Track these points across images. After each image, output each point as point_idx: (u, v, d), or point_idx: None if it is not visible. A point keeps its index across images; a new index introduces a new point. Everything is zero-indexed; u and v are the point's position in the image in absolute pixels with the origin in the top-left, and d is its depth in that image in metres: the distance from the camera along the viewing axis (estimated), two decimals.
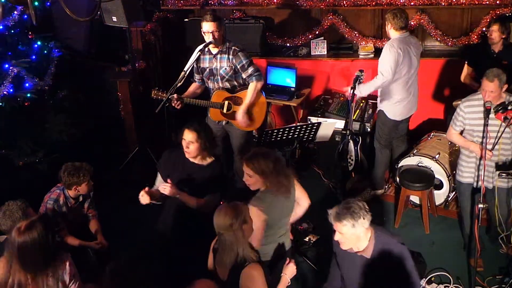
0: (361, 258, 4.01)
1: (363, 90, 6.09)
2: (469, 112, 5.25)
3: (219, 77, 5.92)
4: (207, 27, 5.71)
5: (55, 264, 3.92)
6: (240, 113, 5.87)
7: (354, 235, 3.88)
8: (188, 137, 4.65)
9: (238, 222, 3.80)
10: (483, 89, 5.09)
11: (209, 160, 4.79)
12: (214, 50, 5.86)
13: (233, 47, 5.84)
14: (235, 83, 5.97)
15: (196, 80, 6.09)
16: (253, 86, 5.86)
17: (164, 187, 4.55)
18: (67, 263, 4.00)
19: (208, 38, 5.74)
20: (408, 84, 6.14)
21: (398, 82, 6.07)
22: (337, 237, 3.95)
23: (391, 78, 5.96)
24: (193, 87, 6.12)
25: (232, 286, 3.85)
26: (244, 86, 5.94)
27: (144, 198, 4.58)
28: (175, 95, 5.71)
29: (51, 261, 3.90)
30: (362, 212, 3.84)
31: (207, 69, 5.93)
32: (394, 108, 6.23)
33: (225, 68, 5.86)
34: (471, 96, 5.35)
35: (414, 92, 6.27)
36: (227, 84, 5.95)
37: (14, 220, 4.27)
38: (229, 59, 5.83)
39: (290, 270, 4.07)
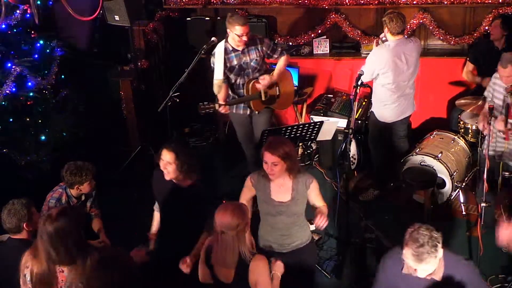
0: (429, 281, 3.81)
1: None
2: (495, 84, 5.46)
3: (250, 70, 6.05)
4: (241, 31, 5.79)
5: (84, 256, 3.67)
6: (270, 76, 6.04)
7: (438, 263, 3.74)
8: (166, 157, 4.50)
9: (244, 222, 3.81)
10: (501, 76, 5.33)
11: (189, 182, 4.63)
12: (239, 47, 5.94)
13: (257, 38, 6.06)
14: (263, 70, 6.13)
15: (224, 81, 6.06)
16: (285, 57, 6.20)
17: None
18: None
19: (237, 41, 5.84)
20: (398, 89, 6.08)
21: (385, 86, 6.04)
22: (422, 273, 3.74)
23: (368, 79, 5.99)
24: (225, 89, 6.07)
25: (240, 283, 3.85)
26: (266, 71, 6.17)
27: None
28: (221, 104, 5.88)
29: (82, 252, 3.71)
30: (434, 236, 3.66)
31: (236, 66, 6.01)
32: (382, 110, 6.22)
33: (256, 59, 6.04)
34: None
35: (407, 96, 6.19)
36: (257, 74, 6.09)
37: (19, 219, 4.27)
38: (257, 49, 6.03)
39: (278, 267, 4.04)
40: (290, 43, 7.89)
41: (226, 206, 3.88)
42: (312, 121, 6.19)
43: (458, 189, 6.28)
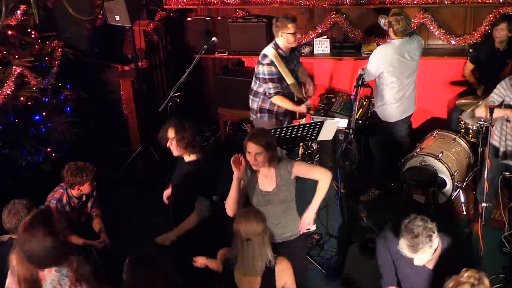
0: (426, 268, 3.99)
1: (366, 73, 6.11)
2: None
3: (295, 75, 6.15)
4: (294, 28, 5.91)
5: (61, 261, 3.78)
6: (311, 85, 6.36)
7: (434, 252, 3.87)
8: (170, 134, 4.80)
9: (266, 227, 3.86)
10: None
11: (191, 158, 4.83)
12: (286, 53, 6.01)
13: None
14: None
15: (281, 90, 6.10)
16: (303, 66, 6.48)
17: None
18: (75, 263, 3.85)
19: (292, 40, 5.94)
20: (401, 88, 6.08)
21: (389, 86, 6.04)
22: (419, 262, 3.88)
23: (371, 78, 5.99)
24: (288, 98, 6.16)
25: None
26: None
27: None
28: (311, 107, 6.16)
29: (59, 257, 3.75)
30: (429, 227, 3.78)
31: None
32: (385, 110, 6.21)
33: (297, 64, 6.25)
34: None
35: (408, 95, 6.19)
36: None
37: (19, 219, 4.27)
38: (296, 54, 6.25)
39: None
40: None
41: (246, 213, 3.92)
42: (313, 121, 6.18)
43: (458, 189, 6.29)
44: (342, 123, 6.46)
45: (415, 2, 7.19)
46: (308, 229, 4.64)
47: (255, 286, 3.92)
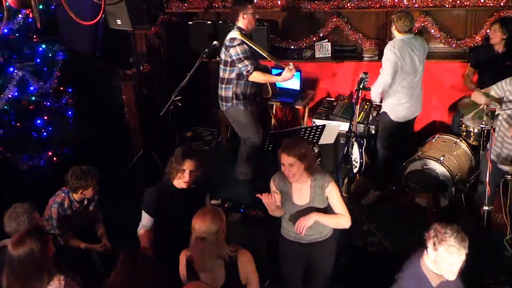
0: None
1: (373, 94, 6.13)
2: None
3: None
4: (253, 10, 6.39)
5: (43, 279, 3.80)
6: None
7: None
8: (190, 166, 4.63)
9: (222, 227, 3.87)
10: None
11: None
12: (248, 34, 6.40)
13: None
14: None
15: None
16: None
17: None
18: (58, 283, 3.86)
19: (254, 21, 6.39)
20: (412, 87, 6.13)
21: (401, 84, 6.06)
22: (452, 275, 3.78)
23: (390, 78, 5.96)
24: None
25: (232, 282, 3.93)
26: None
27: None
28: None
29: (44, 276, 3.80)
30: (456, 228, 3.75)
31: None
32: (397, 110, 6.23)
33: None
34: None
35: (418, 94, 6.26)
36: None
37: (18, 223, 4.28)
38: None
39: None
40: (292, 47, 7.89)
41: (204, 212, 3.92)
42: (314, 125, 6.19)
43: (460, 193, 6.28)
44: (344, 126, 6.46)
45: (416, 5, 7.20)
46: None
47: (219, 281, 3.95)
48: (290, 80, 6.34)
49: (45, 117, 6.44)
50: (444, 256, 3.68)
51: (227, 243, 3.98)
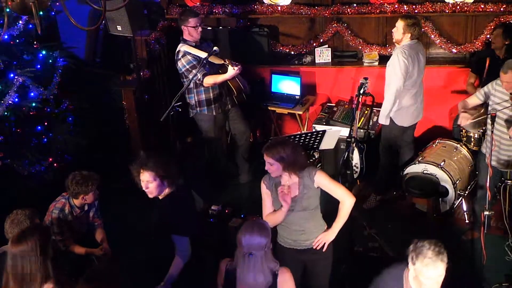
0: None
1: (386, 108, 6.18)
2: (496, 91, 5.44)
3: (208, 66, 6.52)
4: (194, 23, 6.44)
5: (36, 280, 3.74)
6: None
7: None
8: (145, 177, 4.53)
9: (269, 239, 3.80)
10: (502, 82, 5.32)
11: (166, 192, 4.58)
12: (195, 43, 6.53)
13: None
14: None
15: None
16: None
17: None
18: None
19: (194, 33, 6.45)
20: (416, 91, 6.17)
21: (407, 89, 6.08)
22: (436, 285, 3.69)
23: (402, 84, 5.98)
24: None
25: None
26: None
27: None
28: None
29: (38, 278, 3.74)
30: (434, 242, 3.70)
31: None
32: (401, 114, 6.24)
33: (213, 48, 6.41)
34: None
35: (420, 99, 6.32)
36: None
37: (21, 229, 4.27)
38: (208, 43, 6.74)
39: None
40: (292, 52, 7.89)
41: (250, 226, 3.83)
42: (314, 130, 6.19)
43: (461, 198, 6.28)
44: (344, 132, 6.47)
45: (416, 11, 7.20)
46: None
47: None
48: (238, 74, 6.52)
49: (46, 123, 6.44)
50: (420, 269, 3.61)
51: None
